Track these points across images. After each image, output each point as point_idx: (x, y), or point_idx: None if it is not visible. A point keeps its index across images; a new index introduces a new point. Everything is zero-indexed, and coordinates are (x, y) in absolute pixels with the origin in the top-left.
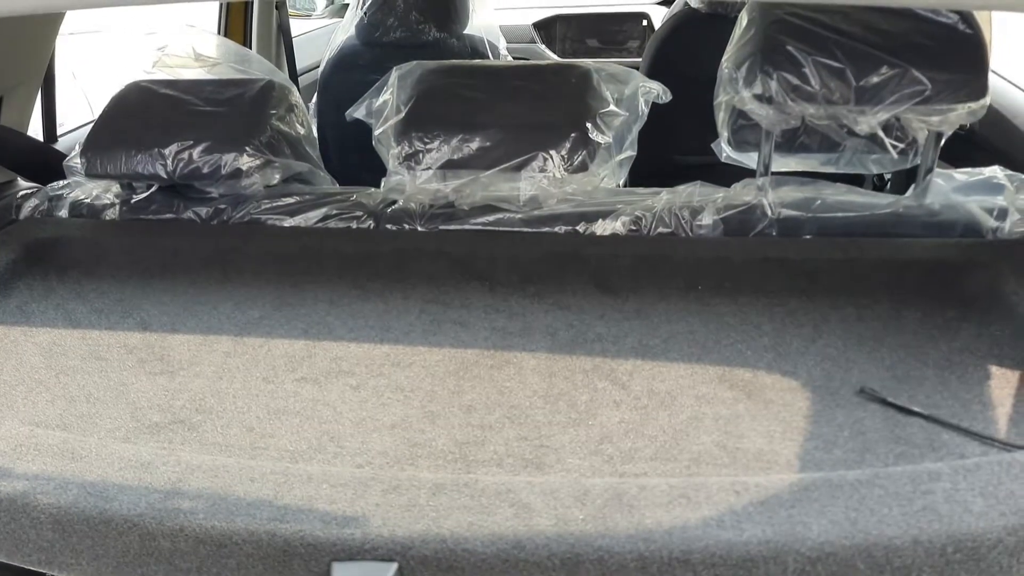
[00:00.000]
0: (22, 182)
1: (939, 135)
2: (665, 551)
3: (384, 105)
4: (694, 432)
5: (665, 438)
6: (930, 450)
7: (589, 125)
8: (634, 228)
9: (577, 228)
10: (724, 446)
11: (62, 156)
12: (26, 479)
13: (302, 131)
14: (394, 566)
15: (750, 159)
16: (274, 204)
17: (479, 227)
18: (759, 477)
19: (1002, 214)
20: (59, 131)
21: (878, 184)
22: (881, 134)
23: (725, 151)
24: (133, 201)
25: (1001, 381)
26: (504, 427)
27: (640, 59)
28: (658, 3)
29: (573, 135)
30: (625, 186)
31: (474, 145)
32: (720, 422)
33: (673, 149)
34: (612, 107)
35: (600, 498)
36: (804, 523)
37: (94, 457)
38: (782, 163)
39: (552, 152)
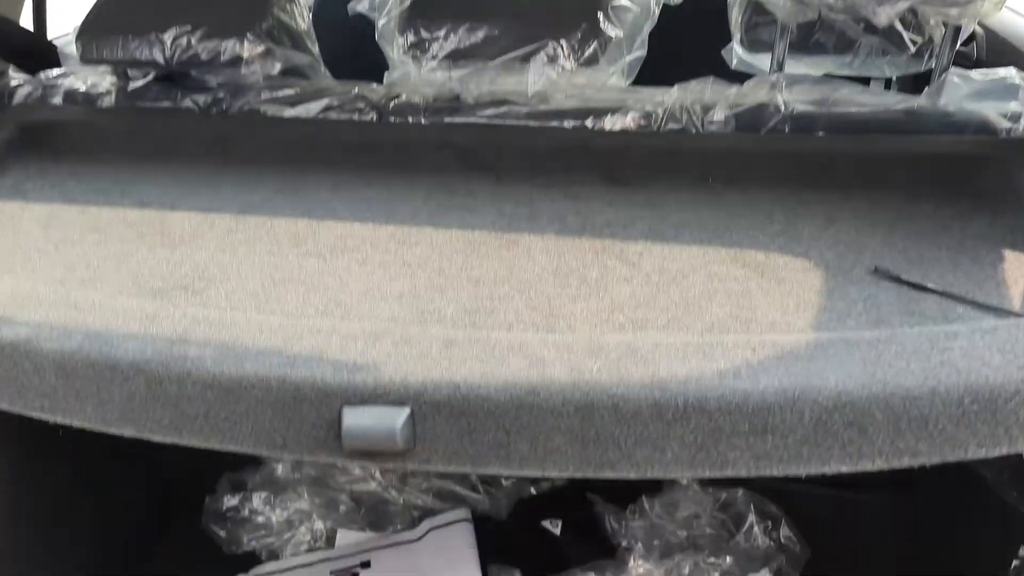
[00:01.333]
0: (14, 72)
1: (956, 32)
2: (680, 398)
3: None
4: (706, 304)
5: (677, 310)
6: (944, 322)
7: (600, 16)
8: (644, 123)
9: (586, 123)
10: (737, 317)
11: (55, 47)
12: (29, 327)
13: (303, 25)
14: (407, 410)
15: (762, 63)
16: (274, 95)
17: (485, 120)
18: (775, 336)
19: (1015, 117)
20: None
21: None
22: (899, 26)
23: (737, 54)
24: (130, 89)
25: (1015, 263)
26: (513, 298)
27: None
28: None
29: (584, 24)
30: None
31: (482, 33)
32: (733, 297)
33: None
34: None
35: (614, 352)
36: (821, 375)
37: (98, 309)
38: (795, 67)
39: (562, 41)
